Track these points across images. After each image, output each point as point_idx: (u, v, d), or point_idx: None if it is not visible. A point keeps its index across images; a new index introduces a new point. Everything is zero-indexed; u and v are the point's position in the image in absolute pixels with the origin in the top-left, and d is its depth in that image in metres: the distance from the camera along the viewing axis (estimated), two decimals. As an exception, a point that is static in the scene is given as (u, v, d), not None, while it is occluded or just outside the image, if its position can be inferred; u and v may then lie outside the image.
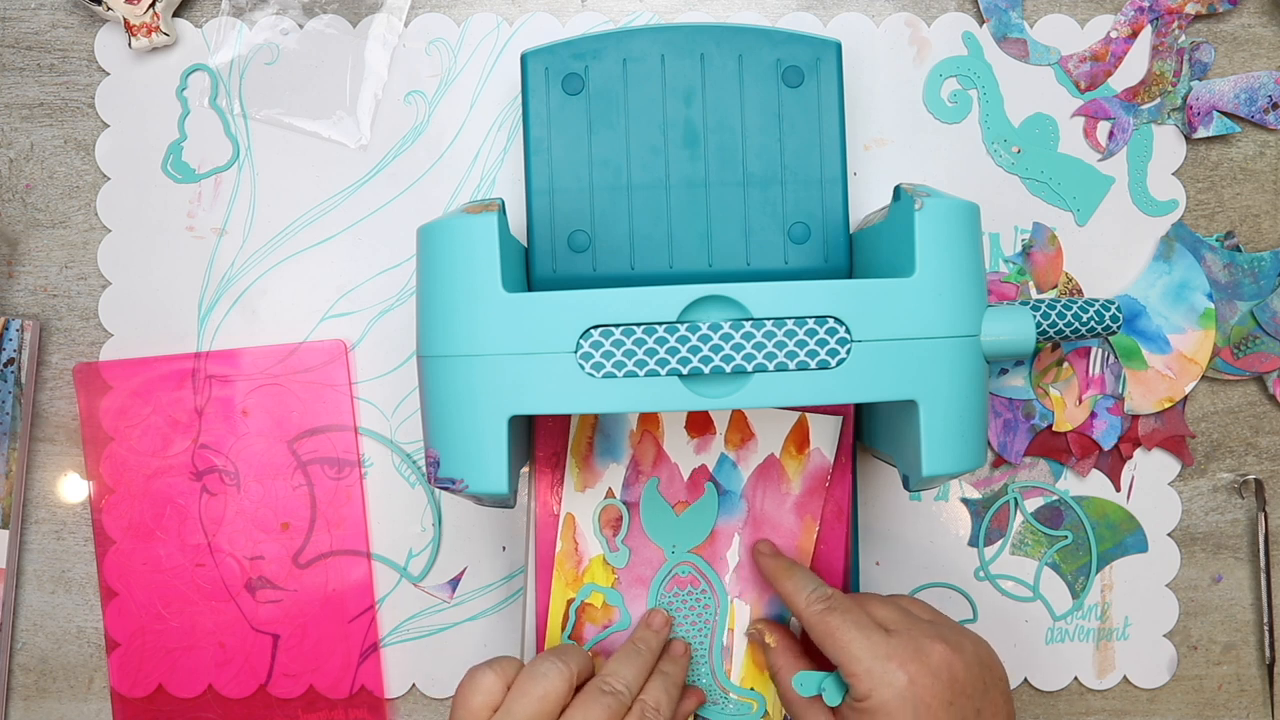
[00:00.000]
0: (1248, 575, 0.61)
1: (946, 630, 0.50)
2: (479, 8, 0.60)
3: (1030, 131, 0.60)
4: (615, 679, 0.50)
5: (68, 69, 0.61)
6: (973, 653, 0.49)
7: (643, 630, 0.54)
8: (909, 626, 0.49)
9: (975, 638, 0.50)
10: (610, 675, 0.50)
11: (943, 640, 0.48)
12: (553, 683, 0.48)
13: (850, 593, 0.55)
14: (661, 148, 0.55)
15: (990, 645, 0.51)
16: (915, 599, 0.54)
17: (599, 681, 0.50)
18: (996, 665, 0.50)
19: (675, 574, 0.56)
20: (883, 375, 0.46)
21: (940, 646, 0.48)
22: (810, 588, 0.51)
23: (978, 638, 0.51)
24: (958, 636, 0.49)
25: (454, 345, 0.46)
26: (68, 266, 0.61)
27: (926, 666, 0.47)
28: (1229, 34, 0.61)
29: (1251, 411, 0.61)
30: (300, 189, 0.60)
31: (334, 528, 0.60)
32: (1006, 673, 0.51)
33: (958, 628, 0.51)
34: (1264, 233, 0.61)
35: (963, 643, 0.49)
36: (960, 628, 0.51)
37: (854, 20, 0.60)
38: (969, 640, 0.50)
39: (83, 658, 0.61)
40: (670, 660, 0.54)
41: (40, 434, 0.61)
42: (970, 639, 0.50)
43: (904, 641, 0.48)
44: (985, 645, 0.51)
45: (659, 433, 0.56)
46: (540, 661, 0.49)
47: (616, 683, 0.50)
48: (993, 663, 0.50)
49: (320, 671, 0.60)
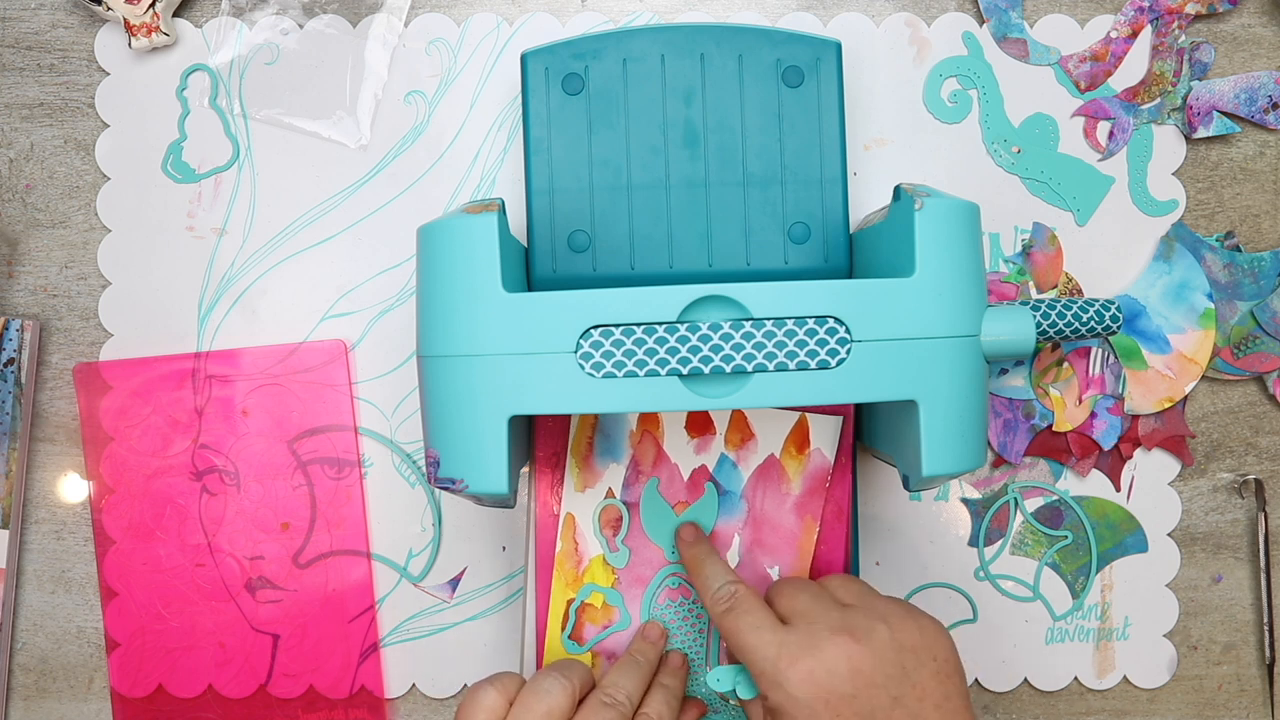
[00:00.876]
0: (1248, 575, 0.61)
1: (859, 617, 0.48)
2: (479, 8, 0.60)
3: (1030, 131, 0.60)
4: (616, 690, 0.50)
5: (68, 69, 0.61)
6: (885, 639, 0.47)
7: (639, 642, 0.54)
8: (814, 619, 0.48)
9: (900, 620, 0.48)
10: (611, 687, 0.50)
11: (847, 631, 0.47)
12: (556, 699, 0.48)
13: (783, 579, 0.53)
14: (661, 148, 0.55)
15: (928, 623, 0.49)
16: (849, 579, 0.52)
17: (600, 694, 0.50)
18: (927, 646, 0.48)
19: (666, 585, 0.56)
20: (883, 375, 0.46)
21: (840, 639, 0.47)
22: (717, 584, 0.51)
23: (904, 616, 0.48)
24: (869, 622, 0.47)
25: (454, 345, 0.46)
26: (68, 266, 0.61)
27: (821, 662, 0.46)
28: (1229, 34, 0.61)
29: (1251, 411, 0.61)
30: (300, 189, 0.60)
31: (334, 528, 0.60)
32: (948, 649, 0.49)
33: (878, 611, 0.48)
34: (1264, 233, 0.61)
35: (873, 630, 0.47)
36: (883, 611, 0.48)
37: (854, 20, 0.60)
38: (886, 626, 0.47)
39: (83, 658, 0.61)
40: (669, 672, 0.54)
41: (40, 434, 0.61)
42: (890, 624, 0.48)
43: (799, 637, 0.47)
44: (910, 627, 0.48)
45: (659, 433, 0.56)
46: (542, 678, 0.49)
47: (618, 694, 0.50)
48: (918, 645, 0.48)
49: (320, 671, 0.60)
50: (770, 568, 0.56)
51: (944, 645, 0.49)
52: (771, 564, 0.56)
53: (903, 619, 0.48)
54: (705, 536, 0.55)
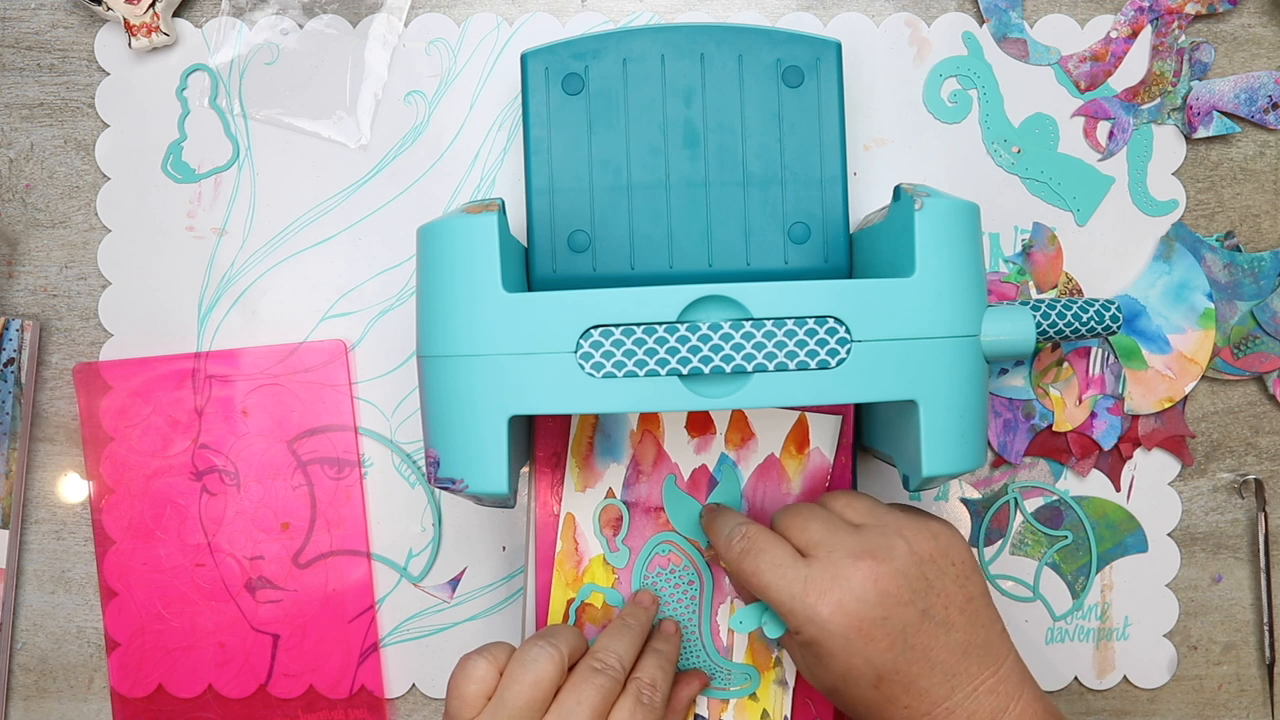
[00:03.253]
0: (1248, 575, 0.61)
1: (875, 536, 0.48)
2: (479, 8, 0.60)
3: (1030, 131, 0.60)
4: (607, 655, 0.49)
5: (68, 69, 0.61)
6: (905, 555, 0.47)
7: (631, 607, 0.54)
8: (831, 547, 0.47)
9: (914, 531, 0.48)
10: (601, 652, 0.49)
11: (868, 554, 0.47)
12: (543, 667, 0.47)
13: (786, 507, 0.51)
14: (661, 148, 0.55)
15: (939, 528, 0.49)
16: (853, 495, 0.51)
17: (590, 659, 0.49)
18: (944, 552, 0.48)
19: (657, 553, 0.56)
20: (883, 375, 0.46)
21: (864, 564, 0.46)
22: (728, 529, 0.50)
23: (917, 527, 0.48)
24: (887, 540, 0.47)
25: (454, 345, 0.46)
26: (68, 266, 0.61)
27: (849, 590, 0.46)
28: (1229, 34, 0.61)
29: (1251, 411, 0.61)
30: (300, 189, 0.60)
31: (334, 528, 0.60)
32: (963, 550, 0.49)
33: (891, 526, 0.48)
34: (1264, 233, 0.61)
35: (893, 548, 0.47)
36: (896, 525, 0.48)
37: (854, 20, 0.60)
38: (903, 540, 0.48)
39: (83, 658, 0.61)
40: (663, 638, 0.53)
41: (40, 434, 0.61)
42: (906, 537, 0.48)
43: (822, 569, 0.47)
44: (925, 536, 0.48)
45: (659, 433, 0.56)
46: (530, 646, 0.48)
47: (609, 659, 0.49)
48: (935, 553, 0.48)
49: (320, 671, 0.60)
50: (770, 568, 0.56)
51: (959, 547, 0.49)
52: (771, 564, 0.56)
53: (917, 530, 0.48)
54: (725, 505, 0.55)
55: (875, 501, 0.51)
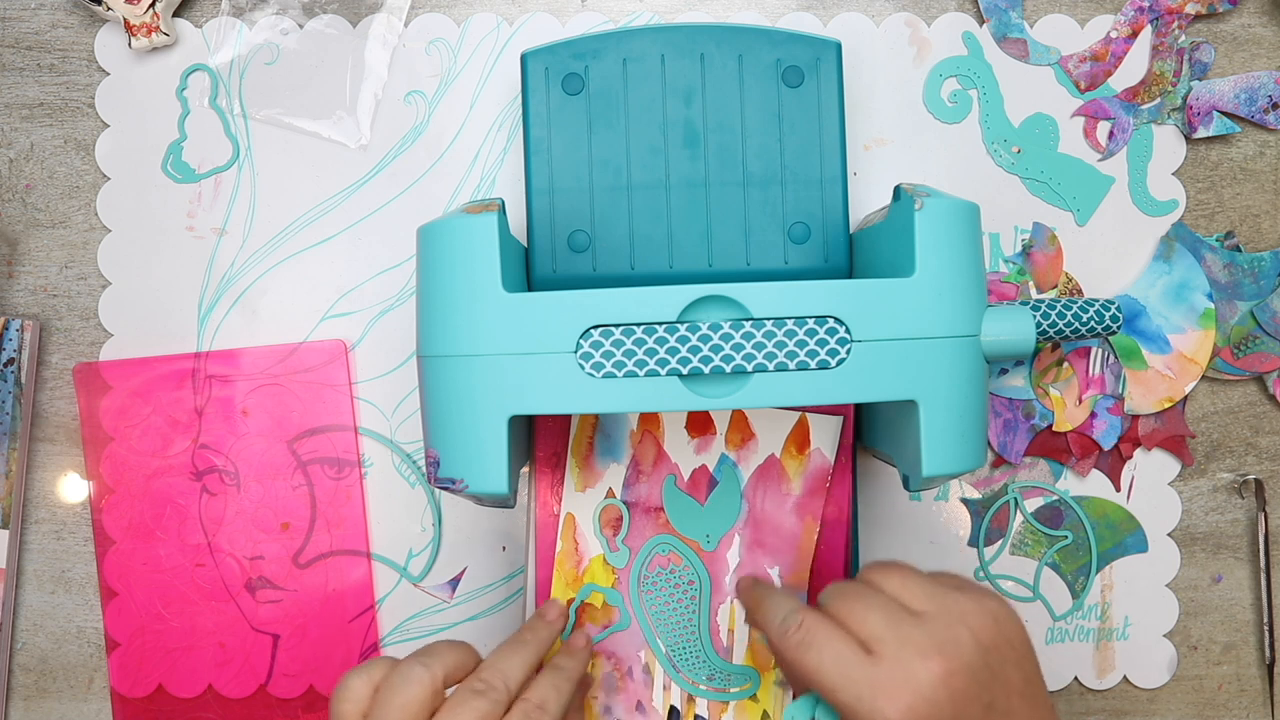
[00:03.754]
0: (1248, 575, 0.61)
1: (940, 629, 0.44)
2: (479, 8, 0.60)
3: (1030, 131, 0.60)
4: (491, 674, 0.47)
5: (68, 69, 0.61)
6: (972, 648, 0.44)
7: (534, 620, 0.51)
8: (899, 642, 0.44)
9: (976, 616, 0.45)
10: (486, 671, 0.47)
11: (937, 652, 0.43)
12: (413, 690, 0.45)
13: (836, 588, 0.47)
14: (661, 148, 0.55)
15: (997, 607, 0.46)
16: (906, 573, 0.47)
17: (473, 680, 0.46)
18: (1005, 637, 0.45)
19: (656, 553, 0.56)
20: (883, 375, 0.46)
21: (933, 665, 0.43)
22: (780, 615, 0.46)
23: (979, 611, 0.45)
24: (953, 633, 0.44)
25: (454, 345, 0.46)
26: (68, 266, 0.61)
27: (919, 694, 0.43)
28: (1229, 34, 0.61)
29: (1251, 411, 0.61)
30: (300, 189, 0.60)
31: (334, 528, 0.60)
32: (1020, 630, 0.46)
33: (954, 613, 0.45)
34: (1264, 233, 0.61)
35: (960, 640, 0.44)
36: (959, 611, 0.45)
37: (854, 20, 0.60)
38: (967, 630, 0.44)
39: (83, 658, 0.61)
40: (568, 654, 0.51)
41: (40, 434, 0.61)
42: (969, 625, 0.44)
43: (890, 670, 0.43)
44: (986, 622, 0.45)
45: (659, 433, 0.56)
46: (404, 666, 0.46)
47: (493, 678, 0.46)
48: (998, 640, 0.45)
49: (320, 671, 0.60)
50: (770, 568, 0.56)
51: (1017, 628, 0.46)
52: (772, 564, 0.56)
53: (979, 616, 0.45)
54: (762, 580, 0.52)
55: (929, 580, 0.47)
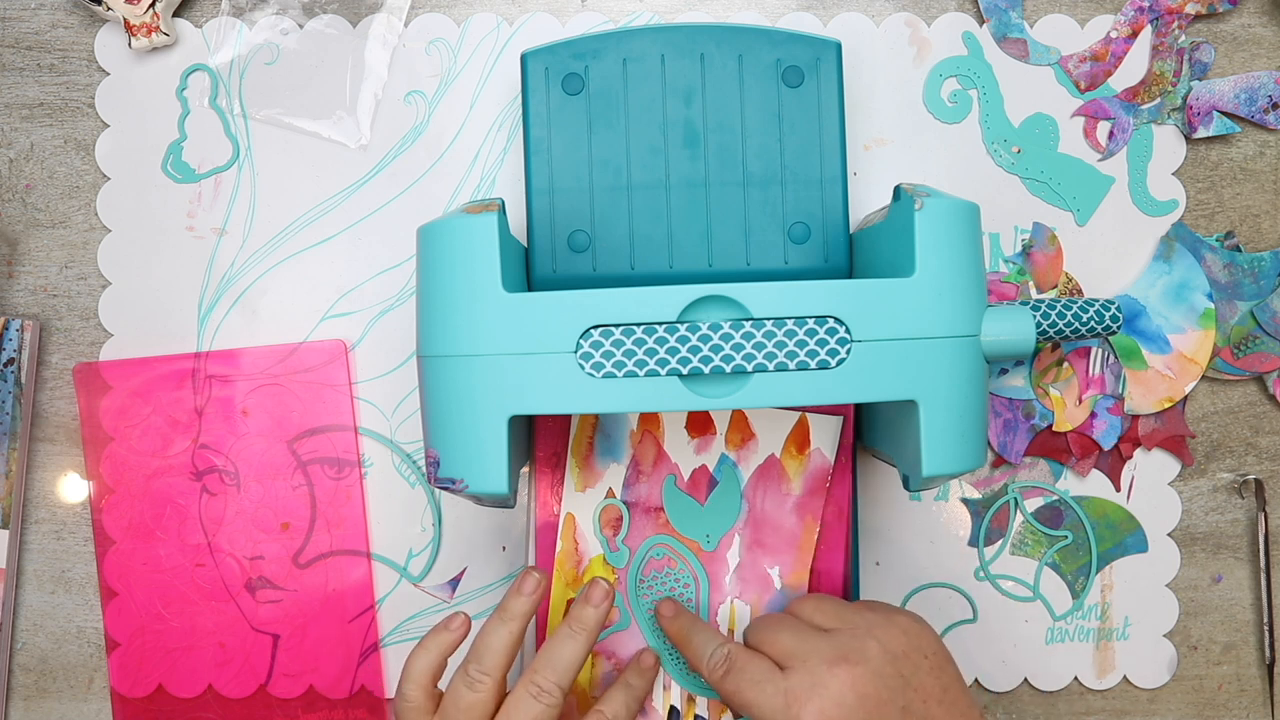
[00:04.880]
0: (1248, 575, 0.61)
1: (846, 639, 0.48)
2: (479, 8, 0.60)
3: (1030, 131, 0.60)
4: (545, 676, 0.49)
5: (68, 69, 0.61)
6: (879, 655, 0.47)
7: (582, 609, 0.51)
8: (806, 655, 0.47)
9: (884, 628, 0.49)
10: (541, 673, 0.49)
11: (843, 659, 0.47)
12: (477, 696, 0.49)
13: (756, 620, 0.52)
14: (661, 148, 0.55)
15: (907, 622, 0.49)
16: (818, 598, 0.52)
17: (526, 684, 0.49)
18: (916, 647, 0.49)
19: (652, 556, 0.56)
20: (883, 375, 0.46)
21: (839, 670, 0.47)
22: (708, 651, 0.50)
23: (886, 624, 0.49)
24: (859, 642, 0.48)
25: (454, 345, 0.46)
26: (68, 266, 0.61)
27: (828, 697, 0.46)
28: (1229, 34, 0.61)
29: (1251, 411, 0.61)
30: (300, 189, 0.60)
31: (334, 528, 0.60)
32: (934, 642, 0.49)
33: (861, 626, 0.49)
34: (1264, 233, 0.61)
35: (865, 649, 0.47)
36: (866, 624, 0.49)
37: (854, 20, 0.60)
38: (874, 640, 0.48)
39: (83, 658, 0.61)
40: (638, 673, 0.53)
41: (40, 434, 0.61)
42: (877, 636, 0.48)
43: (799, 679, 0.47)
44: (895, 633, 0.48)
45: (659, 433, 0.56)
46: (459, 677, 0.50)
47: (547, 681, 0.49)
48: (908, 648, 0.48)
49: (320, 671, 0.60)
50: (770, 568, 0.56)
51: (929, 639, 0.49)
52: (772, 564, 0.56)
53: (887, 628, 0.49)
54: (685, 608, 0.54)
55: (841, 603, 0.51)
